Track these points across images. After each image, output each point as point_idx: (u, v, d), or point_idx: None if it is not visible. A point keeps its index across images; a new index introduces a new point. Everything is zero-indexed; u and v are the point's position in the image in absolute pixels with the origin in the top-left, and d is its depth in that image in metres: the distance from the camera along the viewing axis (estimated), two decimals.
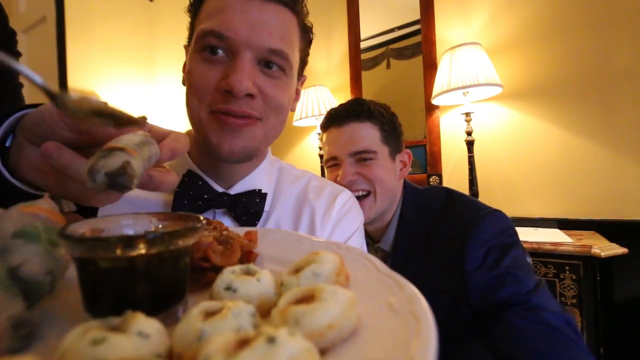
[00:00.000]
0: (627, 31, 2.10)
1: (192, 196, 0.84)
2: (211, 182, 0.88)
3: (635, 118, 2.08)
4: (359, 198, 1.32)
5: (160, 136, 0.51)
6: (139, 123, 0.47)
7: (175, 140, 0.51)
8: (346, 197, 1.00)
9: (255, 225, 0.86)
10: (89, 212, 0.72)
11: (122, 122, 0.45)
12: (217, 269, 0.43)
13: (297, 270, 0.38)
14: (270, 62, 0.80)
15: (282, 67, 0.81)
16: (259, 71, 0.79)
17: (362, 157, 1.34)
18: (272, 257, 0.54)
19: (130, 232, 0.39)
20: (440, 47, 2.74)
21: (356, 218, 1.00)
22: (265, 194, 0.89)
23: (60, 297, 0.37)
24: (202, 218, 0.39)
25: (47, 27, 3.62)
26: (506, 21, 2.49)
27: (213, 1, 0.80)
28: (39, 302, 0.34)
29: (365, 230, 1.43)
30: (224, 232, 0.54)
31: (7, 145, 0.56)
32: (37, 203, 0.38)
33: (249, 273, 0.39)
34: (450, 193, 1.33)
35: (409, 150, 1.48)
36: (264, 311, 0.34)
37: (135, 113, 0.48)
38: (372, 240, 1.44)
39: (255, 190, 0.88)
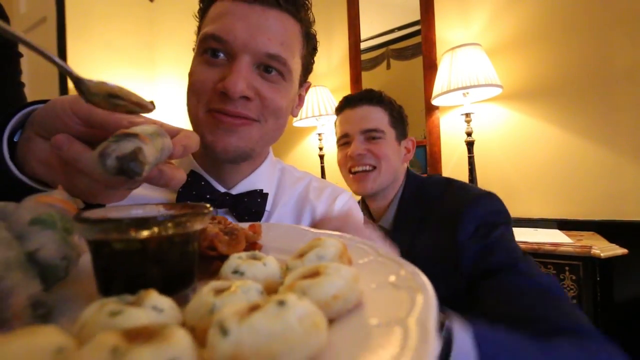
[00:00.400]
0: (627, 32, 2.11)
1: (194, 196, 0.85)
2: (213, 182, 0.89)
3: (635, 119, 2.09)
4: (365, 172, 1.46)
5: (171, 133, 0.51)
6: (148, 107, 0.47)
7: (188, 137, 0.51)
8: (346, 197, 1.02)
9: None
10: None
11: (134, 104, 0.45)
12: (224, 258, 0.45)
13: (301, 255, 0.40)
14: (269, 67, 0.81)
15: (281, 72, 0.83)
16: (257, 75, 0.81)
17: (372, 135, 1.47)
18: (276, 248, 0.55)
19: None
20: (440, 48, 2.76)
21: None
22: (267, 194, 0.90)
23: (73, 283, 0.39)
24: (208, 206, 0.40)
25: (47, 27, 3.63)
26: (506, 22, 2.51)
27: (217, 6, 0.83)
28: (54, 287, 0.35)
29: (368, 209, 1.57)
30: (229, 226, 0.55)
31: (15, 140, 0.57)
32: (52, 194, 0.39)
33: (255, 258, 0.40)
34: (450, 180, 1.44)
35: (413, 138, 1.61)
36: (271, 292, 0.36)
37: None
38: (373, 220, 1.56)
39: (256, 190, 0.90)
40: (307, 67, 0.96)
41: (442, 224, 1.26)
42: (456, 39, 2.68)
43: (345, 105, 1.55)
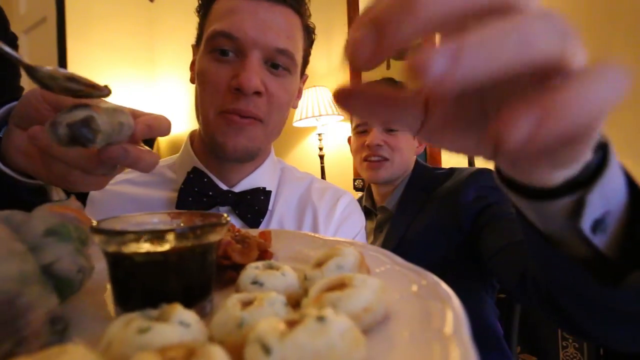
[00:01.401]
0: (628, 32, 2.11)
1: (196, 193, 0.85)
2: (216, 179, 0.89)
3: (634, 119, 2.08)
4: (378, 161, 1.49)
5: (137, 115, 0.51)
6: (103, 90, 0.47)
7: (155, 119, 0.51)
8: (348, 199, 1.02)
9: (259, 223, 0.88)
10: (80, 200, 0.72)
11: (89, 87, 0.45)
12: (237, 267, 0.44)
13: (319, 264, 0.39)
14: (277, 62, 0.83)
15: (288, 67, 0.85)
16: (266, 70, 0.82)
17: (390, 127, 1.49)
18: (287, 256, 0.54)
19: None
20: None
21: (358, 221, 1.01)
22: (270, 192, 0.90)
23: (85, 295, 0.38)
24: (225, 215, 0.39)
25: (47, 27, 3.62)
26: None
27: (223, 3, 0.84)
28: (67, 300, 0.34)
29: (370, 193, 1.64)
30: (237, 233, 0.54)
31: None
32: (65, 203, 0.38)
33: (271, 268, 0.39)
34: (454, 169, 1.49)
35: None
36: (291, 303, 0.35)
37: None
38: (374, 204, 1.61)
39: (259, 188, 0.89)
40: (306, 59, 0.97)
41: (444, 198, 1.34)
42: None
43: None
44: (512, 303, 1.45)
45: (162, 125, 0.51)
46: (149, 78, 4.58)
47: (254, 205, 0.86)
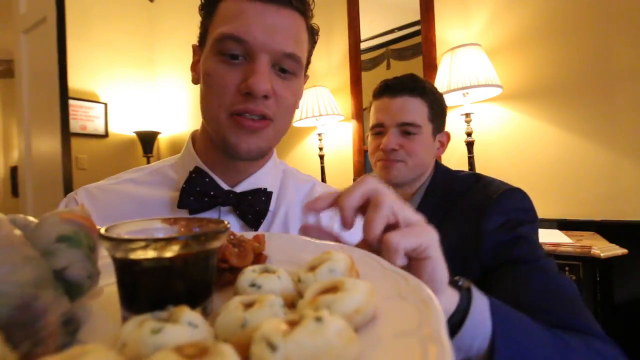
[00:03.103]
0: (628, 32, 2.12)
1: (198, 192, 0.86)
2: (217, 179, 0.90)
3: (635, 119, 2.09)
4: (392, 161, 1.42)
5: None
6: None
7: None
8: None
9: (260, 223, 0.89)
10: None
11: None
12: (234, 270, 0.47)
13: (312, 268, 0.42)
14: (284, 66, 0.83)
15: (295, 70, 0.85)
16: (275, 74, 0.83)
17: (407, 129, 1.41)
18: (280, 260, 0.57)
19: (161, 234, 0.42)
20: (440, 48, 2.76)
21: (360, 229, 1.00)
22: (271, 193, 0.91)
23: (89, 297, 0.40)
24: (226, 222, 0.41)
25: (47, 27, 3.61)
26: (506, 22, 2.51)
27: (230, 4, 0.83)
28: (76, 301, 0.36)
29: None
30: (233, 237, 0.56)
31: None
32: (74, 210, 0.40)
33: (267, 271, 0.42)
34: (479, 176, 1.40)
35: (448, 132, 1.54)
36: (287, 305, 0.38)
37: (135, 113, 0.49)
38: None
39: (260, 188, 0.90)
40: (308, 60, 0.97)
41: (466, 216, 1.26)
42: (456, 39, 2.69)
43: (384, 91, 1.46)
44: None
45: None
46: (149, 78, 4.60)
47: (255, 206, 0.87)
